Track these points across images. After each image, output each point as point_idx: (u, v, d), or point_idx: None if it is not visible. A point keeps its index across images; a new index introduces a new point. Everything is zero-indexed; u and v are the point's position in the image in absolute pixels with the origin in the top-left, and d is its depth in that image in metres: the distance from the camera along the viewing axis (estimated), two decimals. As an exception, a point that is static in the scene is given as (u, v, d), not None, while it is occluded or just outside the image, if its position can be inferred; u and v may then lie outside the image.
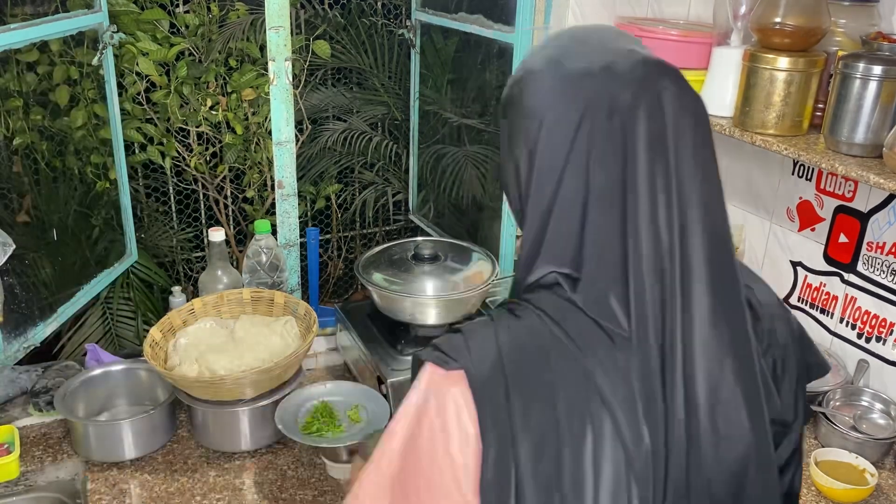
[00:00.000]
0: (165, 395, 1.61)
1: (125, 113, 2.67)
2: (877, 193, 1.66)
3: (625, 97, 0.76)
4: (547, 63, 0.82)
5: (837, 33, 1.61)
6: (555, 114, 0.78)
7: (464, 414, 0.76)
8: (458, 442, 0.76)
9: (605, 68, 0.78)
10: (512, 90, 0.85)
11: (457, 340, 0.79)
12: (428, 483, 0.77)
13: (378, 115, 3.28)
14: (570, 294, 0.78)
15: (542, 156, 0.79)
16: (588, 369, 0.75)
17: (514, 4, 1.92)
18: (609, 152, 0.76)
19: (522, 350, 0.77)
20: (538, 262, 0.80)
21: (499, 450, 0.74)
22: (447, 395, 0.77)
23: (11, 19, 1.76)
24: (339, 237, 3.54)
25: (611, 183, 0.76)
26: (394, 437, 0.80)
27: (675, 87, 0.78)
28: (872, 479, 1.50)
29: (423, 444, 0.78)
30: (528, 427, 0.74)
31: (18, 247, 1.56)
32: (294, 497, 1.47)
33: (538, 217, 0.80)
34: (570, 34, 0.86)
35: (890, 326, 1.68)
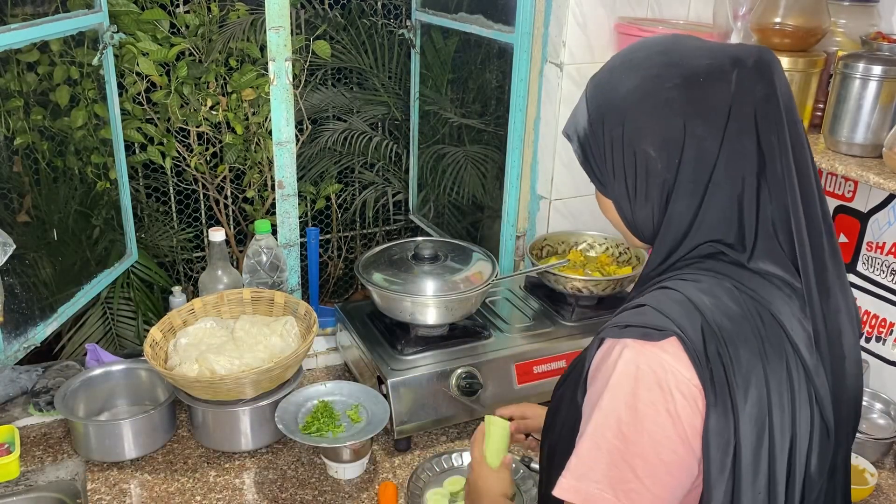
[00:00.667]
0: (165, 395, 1.61)
1: (125, 113, 2.67)
2: (876, 193, 1.66)
3: (764, 82, 0.88)
4: (659, 68, 0.90)
5: (837, 33, 1.61)
6: (698, 110, 0.88)
7: (682, 374, 0.83)
8: (680, 403, 0.82)
9: (733, 59, 0.88)
10: (612, 93, 0.93)
11: (652, 314, 0.86)
12: (655, 446, 0.83)
13: (378, 115, 3.28)
14: (738, 258, 0.89)
15: (692, 148, 0.88)
16: (776, 317, 0.87)
17: (514, 4, 1.92)
18: (763, 130, 0.87)
19: (718, 307, 0.86)
20: (689, 235, 0.90)
21: (720, 400, 0.82)
22: (660, 361, 0.83)
23: (12, 19, 1.76)
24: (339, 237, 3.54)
25: (763, 155, 0.87)
26: (607, 415, 0.84)
27: (780, 69, 0.91)
28: (872, 479, 1.50)
29: (642, 413, 0.82)
30: (742, 375, 0.83)
31: (18, 247, 1.56)
32: (294, 497, 1.47)
33: (690, 197, 0.89)
34: (650, 41, 0.96)
35: (890, 326, 1.68)
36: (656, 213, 0.93)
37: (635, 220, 0.96)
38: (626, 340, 0.85)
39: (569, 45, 1.90)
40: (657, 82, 0.90)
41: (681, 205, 0.90)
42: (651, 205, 0.93)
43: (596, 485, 0.83)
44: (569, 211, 2.07)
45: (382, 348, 1.68)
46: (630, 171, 0.93)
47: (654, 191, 0.92)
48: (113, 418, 1.64)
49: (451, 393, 1.60)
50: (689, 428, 0.83)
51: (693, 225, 0.90)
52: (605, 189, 0.98)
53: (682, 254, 0.92)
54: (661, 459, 0.83)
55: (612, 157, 0.93)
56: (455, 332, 1.72)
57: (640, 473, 0.82)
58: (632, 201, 0.94)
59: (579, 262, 1.93)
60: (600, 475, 0.83)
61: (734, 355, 0.84)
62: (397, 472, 1.55)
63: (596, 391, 0.87)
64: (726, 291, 0.87)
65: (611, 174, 0.95)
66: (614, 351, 0.86)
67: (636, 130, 0.90)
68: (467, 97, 2.78)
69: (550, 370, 1.68)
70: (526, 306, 1.88)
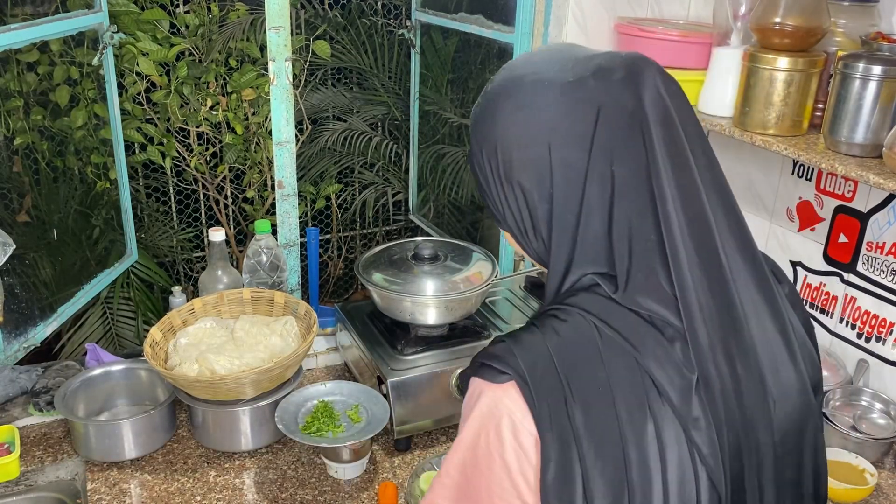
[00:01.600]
0: (165, 395, 1.61)
1: (125, 113, 2.67)
2: (876, 193, 1.66)
3: (629, 94, 0.78)
4: (526, 87, 0.82)
5: (837, 33, 1.61)
6: (562, 133, 0.80)
7: (519, 421, 0.76)
8: (512, 450, 0.76)
9: (596, 72, 0.80)
10: (487, 125, 0.85)
11: (502, 350, 0.79)
12: (488, 491, 0.78)
13: (378, 115, 3.28)
14: (610, 292, 0.79)
15: (560, 173, 0.80)
16: (642, 364, 0.76)
17: (514, 4, 1.92)
18: (629, 148, 0.78)
19: (573, 351, 0.77)
20: (572, 267, 0.82)
21: (561, 452, 0.75)
22: (500, 405, 0.77)
23: (12, 19, 1.76)
24: (339, 237, 3.54)
25: (634, 177, 0.78)
26: (456, 451, 0.81)
27: (661, 75, 0.80)
28: (872, 479, 1.50)
29: (480, 456, 0.78)
30: (590, 427, 0.75)
31: (18, 247, 1.56)
32: (294, 497, 1.47)
33: (565, 227, 0.81)
34: (524, 59, 0.87)
35: (890, 326, 1.68)
36: (545, 246, 0.86)
37: (534, 254, 0.90)
38: (475, 380, 0.81)
39: (569, 45, 1.90)
40: (512, 104, 0.83)
41: (560, 235, 0.82)
42: (541, 237, 0.86)
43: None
44: (569, 211, 2.07)
45: (382, 348, 1.68)
46: (514, 206, 0.86)
47: (540, 224, 0.85)
48: (113, 418, 1.64)
49: (451, 393, 1.60)
50: (522, 479, 0.77)
51: (574, 256, 0.82)
52: (500, 223, 0.91)
53: (567, 287, 0.83)
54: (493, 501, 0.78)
55: (497, 191, 0.87)
56: (455, 332, 1.72)
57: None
58: (523, 234, 0.88)
59: (579, 262, 1.93)
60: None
61: (583, 405, 0.75)
62: (397, 472, 1.55)
63: (461, 422, 0.83)
64: (584, 333, 0.78)
65: (500, 208, 0.88)
66: (471, 386, 0.82)
67: (508, 162, 0.84)
68: (467, 97, 2.78)
69: (550, 370, 1.68)
70: (526, 306, 1.88)
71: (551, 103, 0.81)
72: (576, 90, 0.80)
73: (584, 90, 0.80)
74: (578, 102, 0.79)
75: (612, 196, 0.79)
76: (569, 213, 0.81)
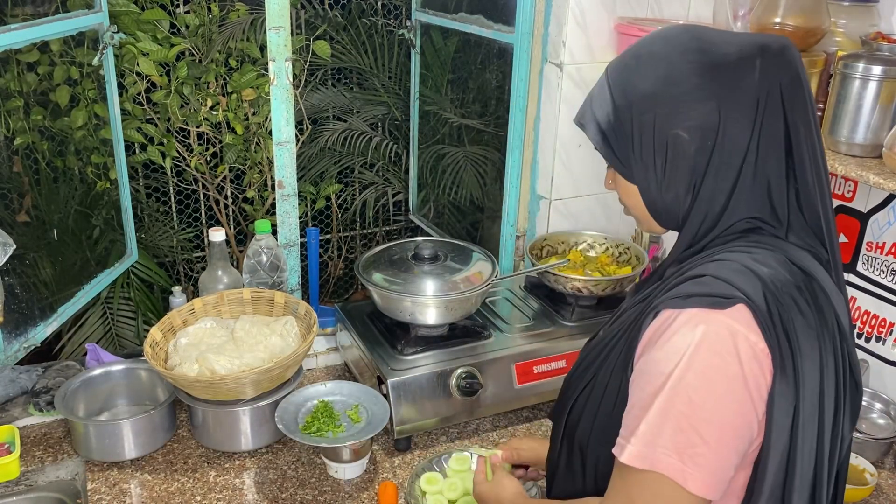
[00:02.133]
0: (165, 395, 1.61)
1: (125, 113, 2.67)
2: (876, 193, 1.66)
3: (785, 74, 0.92)
4: (690, 54, 0.93)
5: (837, 33, 1.61)
6: (733, 98, 0.91)
7: (751, 342, 0.85)
8: (748, 368, 0.85)
9: (760, 49, 0.92)
10: (644, 80, 0.95)
11: (716, 283, 0.88)
12: (722, 407, 0.85)
13: (378, 115, 3.28)
14: (774, 232, 0.94)
15: (726, 133, 0.91)
16: (823, 288, 0.92)
17: (514, 4, 1.92)
18: (777, 119, 0.92)
19: (778, 278, 0.89)
20: (725, 215, 0.94)
21: (787, 367, 0.86)
22: (731, 329, 0.85)
23: (12, 19, 1.76)
24: (339, 237, 3.54)
25: (779, 141, 0.92)
26: (675, 385, 0.86)
27: (800, 57, 0.95)
28: (872, 479, 1.50)
29: (713, 376, 0.85)
30: (802, 344, 0.88)
31: (18, 247, 1.56)
32: (294, 497, 1.47)
33: (725, 177, 0.93)
34: (679, 30, 0.98)
35: (889, 326, 1.68)
36: (683, 196, 0.95)
37: (661, 204, 0.98)
38: (691, 310, 0.87)
39: (569, 45, 1.90)
40: (689, 68, 0.92)
41: (715, 185, 0.93)
42: (678, 187, 0.95)
43: (663, 450, 0.86)
44: (569, 211, 2.08)
45: (382, 348, 1.68)
46: (660, 155, 0.95)
47: (683, 174, 0.94)
48: (113, 418, 1.64)
49: (451, 393, 1.60)
50: (756, 392, 0.86)
51: (729, 204, 0.93)
52: (631, 174, 0.99)
53: (718, 232, 0.95)
54: (728, 423, 0.85)
55: (641, 142, 0.95)
56: (455, 332, 1.72)
57: (706, 438, 0.85)
58: (660, 184, 0.96)
59: (579, 262, 1.93)
60: (667, 440, 0.86)
61: (795, 323, 0.88)
62: (397, 472, 1.55)
63: (658, 360, 0.88)
64: (779, 262, 0.91)
65: (638, 159, 0.96)
66: (678, 320, 0.88)
67: (669, 115, 0.93)
68: (467, 97, 2.78)
69: (550, 370, 1.68)
70: (526, 306, 1.88)
71: (720, 67, 0.92)
72: (742, 58, 0.92)
73: (750, 59, 0.91)
74: (746, 68, 0.91)
75: (774, 152, 0.92)
76: (730, 165, 0.92)
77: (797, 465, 0.90)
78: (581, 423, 1.04)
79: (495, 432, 1.67)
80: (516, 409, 1.72)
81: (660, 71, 0.94)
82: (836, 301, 0.94)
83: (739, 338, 0.85)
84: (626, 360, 0.96)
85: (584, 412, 1.04)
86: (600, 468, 1.01)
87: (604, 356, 1.03)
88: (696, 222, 0.95)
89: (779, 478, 0.90)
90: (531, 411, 1.73)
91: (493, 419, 1.71)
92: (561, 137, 1.98)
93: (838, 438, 0.95)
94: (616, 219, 2.12)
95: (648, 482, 0.87)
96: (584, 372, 1.06)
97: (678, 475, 0.85)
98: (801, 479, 0.91)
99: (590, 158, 2.01)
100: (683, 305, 0.88)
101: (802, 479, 0.91)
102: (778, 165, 0.93)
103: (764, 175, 0.93)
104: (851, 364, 0.96)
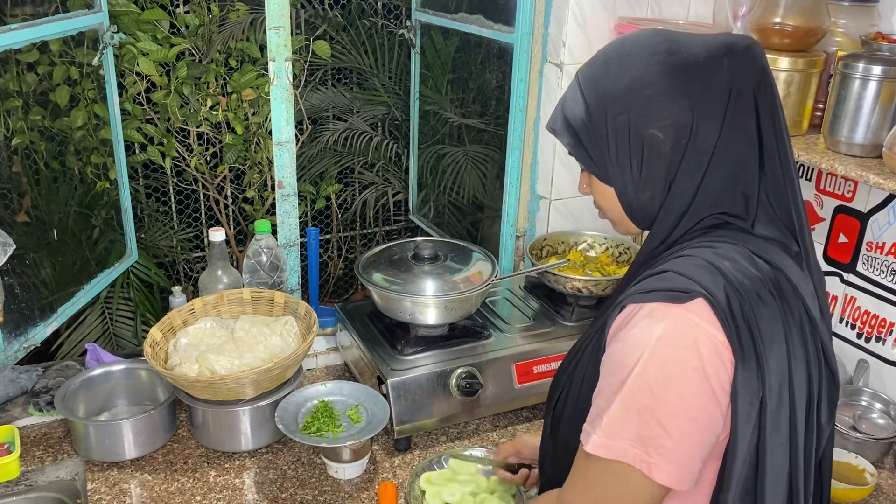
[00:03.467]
0: (165, 395, 1.61)
1: (125, 113, 2.67)
2: (876, 193, 1.66)
3: (752, 71, 0.94)
4: (659, 55, 0.95)
5: (837, 33, 1.61)
6: (703, 97, 0.93)
7: (710, 335, 0.86)
8: (708, 361, 0.86)
9: (727, 48, 0.94)
10: (617, 83, 0.96)
11: (676, 278, 0.90)
12: (682, 400, 0.86)
13: (378, 115, 3.28)
14: (741, 224, 0.96)
15: (698, 131, 0.93)
16: (789, 279, 0.93)
17: (514, 4, 1.92)
18: (746, 116, 0.94)
19: (740, 271, 0.90)
20: (690, 212, 0.96)
21: (748, 358, 0.87)
22: (691, 323, 0.87)
23: (11, 19, 1.76)
24: (339, 237, 3.54)
25: (750, 137, 0.94)
26: (636, 379, 0.87)
27: (764, 57, 0.97)
28: (872, 479, 1.50)
29: (671, 371, 0.86)
30: (765, 334, 0.89)
31: (18, 247, 1.56)
32: (294, 497, 1.47)
33: (693, 174, 0.94)
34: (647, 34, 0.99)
35: (889, 326, 1.68)
36: (659, 195, 0.97)
37: (637, 204, 0.99)
38: (652, 304, 0.89)
39: (569, 45, 1.90)
40: (659, 69, 0.94)
41: (684, 183, 0.95)
42: (654, 187, 0.96)
43: (628, 441, 0.87)
44: (569, 211, 2.08)
45: (382, 348, 1.68)
46: (636, 156, 0.96)
47: (659, 172, 0.95)
48: (113, 418, 1.63)
49: (451, 393, 1.60)
50: (717, 384, 0.87)
51: (694, 201, 0.95)
52: (607, 176, 1.00)
53: (685, 229, 0.96)
54: (690, 416, 0.86)
55: (617, 143, 0.96)
56: (455, 332, 1.72)
57: (669, 430, 0.86)
58: (636, 185, 0.97)
59: (579, 262, 1.93)
60: (632, 433, 0.87)
61: (757, 314, 0.89)
62: (397, 472, 1.55)
63: (620, 352, 0.90)
64: (742, 255, 0.92)
65: (614, 161, 0.97)
66: (639, 314, 0.89)
67: (642, 116, 0.94)
68: (467, 97, 2.78)
69: (550, 370, 1.68)
70: (526, 306, 1.88)
71: (690, 67, 0.94)
72: (710, 58, 0.94)
73: (718, 58, 0.93)
74: (715, 67, 0.93)
75: (744, 147, 0.94)
76: (699, 162, 0.94)
77: (768, 457, 0.91)
78: (563, 420, 1.07)
79: (495, 432, 1.67)
80: (516, 409, 1.72)
81: (632, 73, 0.95)
82: (805, 291, 0.95)
83: (699, 331, 0.86)
84: (598, 353, 0.98)
85: (565, 409, 1.06)
86: None
87: (581, 353, 1.05)
88: (667, 219, 0.97)
89: (749, 469, 0.91)
90: (531, 411, 1.73)
91: (493, 419, 1.71)
92: (561, 137, 1.98)
93: (814, 429, 0.95)
94: (616, 219, 2.12)
95: (611, 471, 0.89)
96: (566, 369, 1.09)
97: (643, 465, 0.86)
98: (773, 471, 0.91)
99: (590, 158, 2.01)
100: (644, 300, 0.90)
101: (775, 470, 0.92)
102: (749, 161, 0.94)
103: (734, 170, 0.94)
104: (826, 354, 0.97)
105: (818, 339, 0.96)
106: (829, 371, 0.97)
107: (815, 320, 0.95)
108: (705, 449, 0.89)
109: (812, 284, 0.97)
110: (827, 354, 0.97)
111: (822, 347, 0.96)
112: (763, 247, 0.95)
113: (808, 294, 0.95)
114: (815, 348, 0.95)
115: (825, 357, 0.97)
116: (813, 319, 0.95)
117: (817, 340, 0.96)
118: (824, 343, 0.97)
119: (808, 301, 0.94)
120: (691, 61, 0.94)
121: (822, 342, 0.96)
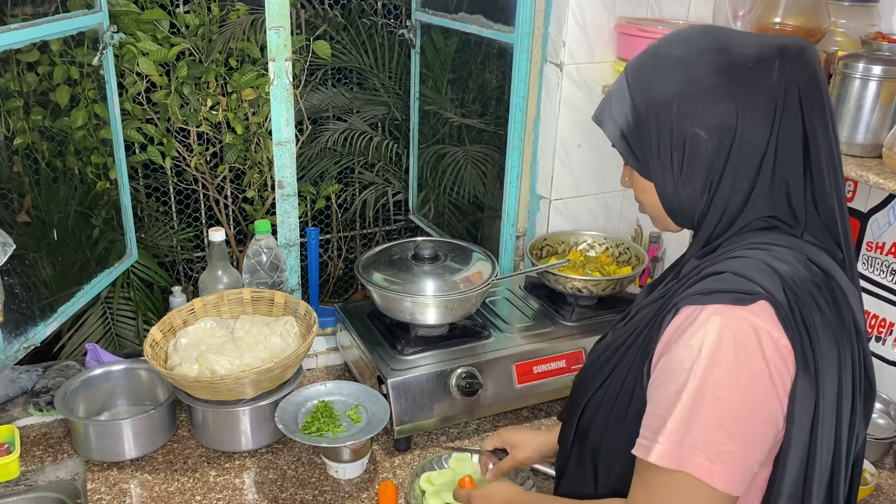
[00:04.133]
0: (165, 395, 1.61)
1: (125, 113, 2.67)
2: (876, 193, 1.66)
3: (803, 75, 0.92)
4: (709, 54, 0.94)
5: (837, 33, 1.61)
6: (749, 99, 0.92)
7: (774, 338, 0.86)
8: (773, 364, 0.86)
9: (778, 51, 0.93)
10: (663, 80, 0.95)
11: (737, 280, 0.89)
12: (749, 405, 0.85)
13: (378, 115, 3.28)
14: (791, 230, 0.95)
15: (744, 134, 0.92)
16: (840, 286, 0.93)
17: (514, 4, 1.92)
18: (795, 120, 0.92)
19: (797, 275, 0.90)
20: (743, 213, 0.95)
21: (809, 364, 0.87)
22: (755, 325, 0.86)
23: (11, 19, 1.76)
24: (339, 237, 3.54)
25: (797, 142, 0.93)
26: (702, 378, 0.86)
27: (818, 58, 0.95)
28: (872, 479, 1.50)
29: (740, 373, 0.85)
30: (822, 341, 0.88)
31: (18, 247, 1.56)
32: (294, 497, 1.47)
33: (744, 175, 0.93)
34: (698, 30, 0.98)
35: (889, 326, 1.68)
36: (699, 194, 0.96)
37: (677, 202, 0.99)
38: (714, 306, 0.88)
39: (569, 45, 1.90)
40: (708, 68, 0.93)
41: (733, 184, 0.94)
42: (694, 185, 0.96)
43: (690, 449, 0.86)
44: (569, 211, 2.08)
45: (382, 348, 1.68)
46: (678, 153, 0.95)
47: (699, 172, 0.95)
48: (113, 418, 1.64)
49: (451, 393, 1.60)
50: (781, 387, 0.86)
51: (747, 203, 0.94)
52: (648, 172, 1.00)
53: (735, 230, 0.96)
54: (756, 419, 0.86)
55: (659, 140, 0.96)
56: (455, 332, 1.72)
57: (734, 435, 0.85)
58: (676, 182, 0.97)
59: (579, 262, 1.93)
60: (695, 439, 0.86)
61: (815, 320, 0.88)
62: (397, 472, 1.55)
63: (680, 357, 0.88)
64: (799, 260, 0.92)
65: (655, 157, 0.97)
66: (700, 317, 0.88)
67: (687, 114, 0.94)
68: (467, 97, 2.78)
69: (550, 370, 1.68)
70: (526, 306, 1.88)
71: (738, 67, 0.92)
72: (761, 60, 0.92)
73: (769, 61, 0.92)
74: (765, 69, 0.92)
75: (792, 153, 0.93)
76: (748, 165, 0.93)
77: (816, 462, 0.90)
78: (594, 425, 1.04)
79: (495, 432, 1.67)
80: (516, 409, 1.72)
81: (679, 71, 0.95)
82: (853, 300, 0.94)
83: (763, 334, 0.85)
84: (643, 359, 0.96)
85: (597, 413, 1.04)
86: (615, 469, 1.00)
87: (619, 356, 1.02)
88: (713, 221, 0.96)
89: (799, 474, 0.90)
90: (531, 411, 1.73)
91: (493, 419, 1.71)
92: (561, 137, 1.98)
93: (854, 436, 0.95)
94: (616, 219, 2.12)
95: (674, 482, 0.87)
96: (598, 372, 1.06)
97: (705, 474, 0.85)
98: (819, 476, 0.91)
99: (590, 158, 2.01)
100: (705, 301, 0.88)
101: (821, 475, 0.91)
102: (795, 166, 0.93)
103: (782, 175, 0.93)
104: (866, 364, 0.97)
105: (862, 348, 0.95)
106: (867, 381, 0.97)
107: (861, 330, 0.95)
108: (764, 453, 0.89)
109: (857, 292, 0.97)
110: (868, 364, 0.97)
111: (864, 357, 0.96)
112: (816, 253, 0.94)
113: (855, 304, 0.95)
114: (859, 358, 0.95)
115: (866, 367, 0.97)
116: (859, 328, 0.94)
117: (862, 350, 0.95)
118: (866, 353, 0.96)
119: (856, 311, 0.94)
120: (740, 62, 0.93)
121: (864, 352, 0.96)
